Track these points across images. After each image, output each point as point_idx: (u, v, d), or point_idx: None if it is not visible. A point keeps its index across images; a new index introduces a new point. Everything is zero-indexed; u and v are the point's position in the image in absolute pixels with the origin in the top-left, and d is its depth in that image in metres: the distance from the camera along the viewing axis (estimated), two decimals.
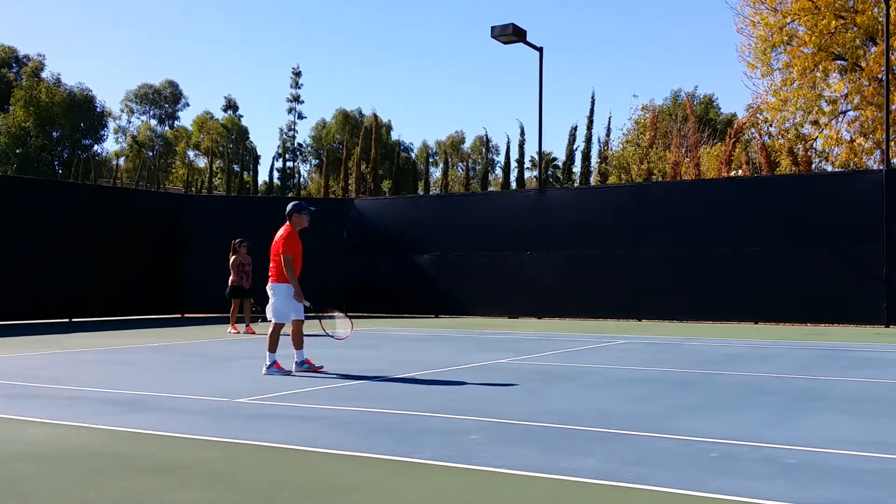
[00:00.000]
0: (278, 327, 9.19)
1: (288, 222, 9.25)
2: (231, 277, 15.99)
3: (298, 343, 9.21)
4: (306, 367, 9.17)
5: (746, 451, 5.08)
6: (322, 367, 9.29)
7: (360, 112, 66.60)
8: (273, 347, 9.12)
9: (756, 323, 18.42)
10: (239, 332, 15.74)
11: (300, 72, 63.68)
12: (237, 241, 16.28)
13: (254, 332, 15.56)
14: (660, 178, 30.07)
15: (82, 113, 56.11)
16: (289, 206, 9.40)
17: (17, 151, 52.97)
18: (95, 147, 59.83)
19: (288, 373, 9.05)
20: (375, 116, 45.78)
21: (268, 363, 9.11)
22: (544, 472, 4.49)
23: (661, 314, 19.44)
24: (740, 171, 30.31)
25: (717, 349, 12.50)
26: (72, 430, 5.78)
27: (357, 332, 16.15)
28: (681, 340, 14.22)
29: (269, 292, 9.22)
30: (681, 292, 19.09)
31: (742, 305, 18.52)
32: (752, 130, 32.18)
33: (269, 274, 9.22)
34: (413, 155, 62.76)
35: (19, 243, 18.47)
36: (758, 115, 30.36)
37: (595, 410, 6.70)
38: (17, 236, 18.44)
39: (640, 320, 19.51)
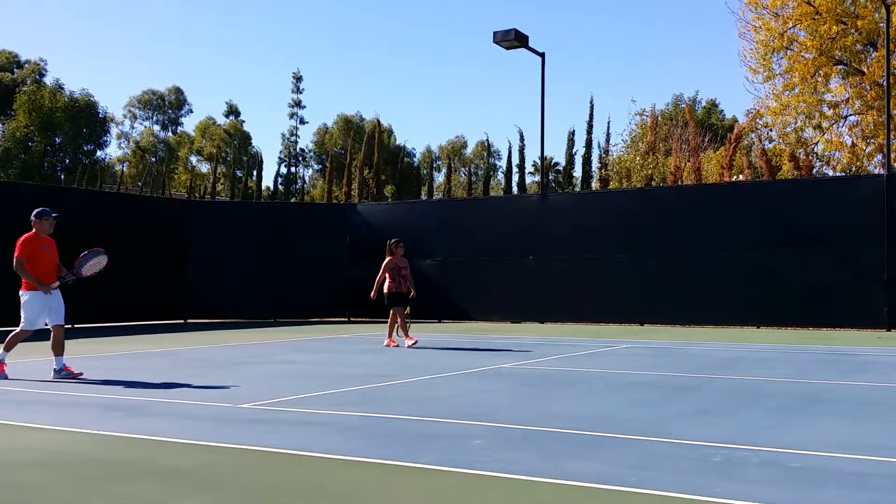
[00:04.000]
0: (24, 334, 9.36)
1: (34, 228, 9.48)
2: (387, 283, 14.07)
3: (59, 349, 9.29)
4: (65, 374, 9.22)
5: (749, 454, 5.08)
6: (81, 373, 9.35)
7: (362, 117, 66.65)
8: (9, 348, 9.33)
9: (758, 327, 18.40)
10: (397, 345, 13.79)
11: (301, 76, 63.86)
12: (393, 241, 14.32)
13: (416, 342, 13.81)
14: (660, 184, 30.07)
15: (84, 118, 56.19)
16: (33, 213, 9.74)
17: (21, 157, 53.05)
18: (98, 153, 59.93)
19: (71, 374, 9.23)
20: (378, 122, 45.81)
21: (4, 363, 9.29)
22: (547, 477, 4.49)
23: (662, 318, 19.44)
24: (741, 176, 30.31)
25: (718, 353, 12.49)
26: (74, 436, 5.78)
27: (360, 338, 16.16)
28: (683, 345, 14.21)
29: (22, 299, 9.35)
30: (683, 297, 19.08)
31: (744, 309, 18.51)
32: (753, 135, 32.20)
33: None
34: (416, 160, 62.81)
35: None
36: (758, 119, 30.40)
37: (597, 415, 6.70)
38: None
39: (641, 325, 19.50)
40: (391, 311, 14.00)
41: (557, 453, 5.14)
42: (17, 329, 9.36)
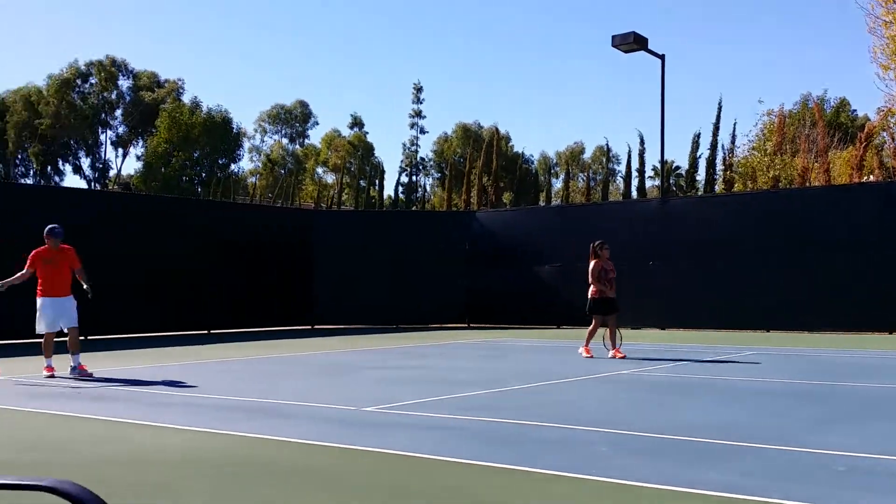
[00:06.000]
0: (52, 336, 10.24)
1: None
2: (592, 288, 12.71)
3: (75, 348, 10.21)
4: (78, 371, 10.07)
5: (876, 463, 4.91)
6: (92, 373, 10.16)
7: (480, 125, 67.08)
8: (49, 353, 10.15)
9: (891, 333, 17.48)
10: (592, 356, 12.40)
11: (421, 87, 64.69)
12: (597, 243, 12.97)
13: (624, 357, 12.32)
14: (787, 185, 28.95)
15: (220, 133, 58.91)
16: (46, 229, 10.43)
17: (162, 171, 56.14)
18: (232, 166, 62.69)
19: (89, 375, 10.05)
20: (496, 130, 46.02)
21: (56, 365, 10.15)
22: (672, 485, 4.46)
23: (790, 324, 18.73)
24: (872, 177, 28.80)
25: (848, 360, 11.97)
26: (207, 437, 6.10)
27: (480, 343, 16.32)
28: (811, 351, 13.69)
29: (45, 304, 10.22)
30: (811, 301, 18.32)
31: (875, 314, 17.60)
32: (884, 134, 30.55)
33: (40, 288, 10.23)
34: (533, 166, 62.66)
35: (163, 258, 19.49)
36: (889, 117, 28.81)
37: (722, 423, 6.58)
38: (159, 252, 19.47)
39: (767, 331, 18.84)
40: (594, 319, 12.73)
41: (682, 462, 5.10)
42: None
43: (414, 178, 59.64)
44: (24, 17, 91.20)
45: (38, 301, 10.24)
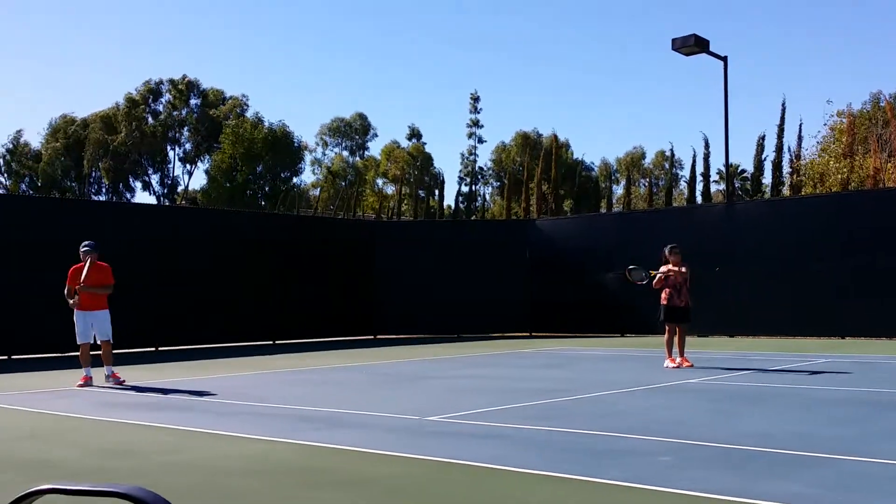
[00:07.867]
0: (82, 347, 10.77)
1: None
2: (663, 294, 12.46)
3: (108, 360, 10.83)
4: (112, 380, 10.70)
5: None
6: (125, 380, 10.78)
7: (538, 133, 66.79)
8: (85, 362, 10.71)
9: None
10: (679, 366, 12.02)
11: (478, 97, 64.74)
12: (668, 247, 12.68)
13: (691, 365, 12.09)
14: (858, 187, 28.13)
15: (282, 148, 59.85)
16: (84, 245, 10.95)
17: (227, 185, 57.25)
18: (294, 179, 63.57)
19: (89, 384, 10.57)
20: (555, 137, 45.80)
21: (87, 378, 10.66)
22: (741, 497, 4.33)
23: (865, 331, 18.11)
24: None
25: None
26: (275, 446, 6.17)
27: (542, 352, 16.19)
28: (887, 359, 13.22)
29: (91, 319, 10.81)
30: (887, 307, 17.69)
31: None
32: None
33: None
34: (594, 173, 62.16)
35: (228, 269, 19.83)
36: None
37: (794, 433, 6.39)
38: (224, 264, 19.82)
39: (842, 338, 18.26)
40: (666, 328, 12.31)
41: (751, 472, 4.95)
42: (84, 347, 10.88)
43: (473, 187, 59.69)
44: (104, 41, 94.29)
45: (75, 314, 10.85)
